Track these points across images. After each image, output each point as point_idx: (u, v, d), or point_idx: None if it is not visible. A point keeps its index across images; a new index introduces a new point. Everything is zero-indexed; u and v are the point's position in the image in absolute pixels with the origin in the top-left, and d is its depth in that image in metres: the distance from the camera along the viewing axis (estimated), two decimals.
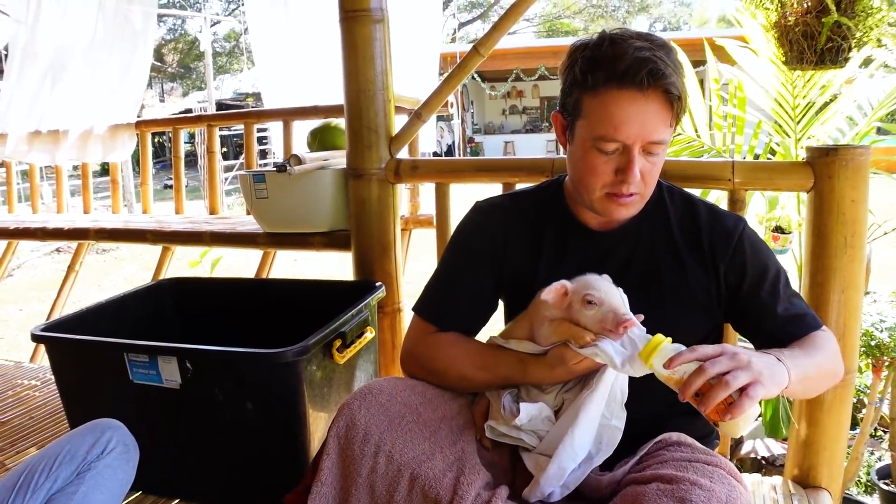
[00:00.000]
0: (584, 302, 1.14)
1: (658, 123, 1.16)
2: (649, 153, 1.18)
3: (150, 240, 2.85)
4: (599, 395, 1.16)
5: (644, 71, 1.12)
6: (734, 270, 1.27)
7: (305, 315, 1.84)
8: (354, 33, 2.00)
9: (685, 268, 1.29)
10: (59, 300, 3.63)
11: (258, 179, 2.23)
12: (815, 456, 1.64)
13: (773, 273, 1.28)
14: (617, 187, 1.20)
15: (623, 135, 1.16)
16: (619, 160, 1.19)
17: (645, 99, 1.14)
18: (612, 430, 1.19)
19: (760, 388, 0.98)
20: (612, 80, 1.14)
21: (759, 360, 1.02)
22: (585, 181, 1.23)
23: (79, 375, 1.77)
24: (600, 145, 1.18)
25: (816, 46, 1.92)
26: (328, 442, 1.21)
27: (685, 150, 3.12)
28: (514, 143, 18.78)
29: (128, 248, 8.81)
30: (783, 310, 1.25)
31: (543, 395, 1.23)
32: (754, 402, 0.97)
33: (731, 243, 1.28)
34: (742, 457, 2.45)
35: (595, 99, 1.17)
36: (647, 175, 1.21)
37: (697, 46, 3.47)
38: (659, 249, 1.31)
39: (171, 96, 25.10)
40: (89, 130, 3.64)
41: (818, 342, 1.23)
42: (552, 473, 1.14)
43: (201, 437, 1.65)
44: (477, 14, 25.44)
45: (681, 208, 1.34)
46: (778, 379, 1.03)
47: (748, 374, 0.98)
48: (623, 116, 1.15)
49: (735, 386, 0.97)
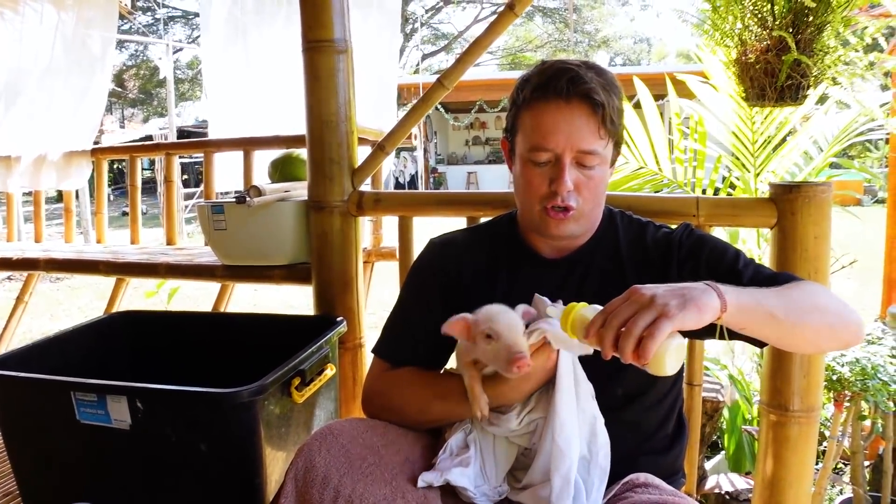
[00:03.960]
0: (484, 335, 1.11)
1: (585, 132, 1.20)
2: (583, 165, 1.22)
3: (104, 271, 2.76)
4: (564, 388, 1.13)
5: (564, 79, 1.19)
6: (689, 270, 1.26)
7: (264, 350, 1.78)
8: (317, 64, 1.98)
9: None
10: (6, 332, 3.50)
11: (216, 210, 2.18)
12: (780, 494, 1.62)
13: (728, 256, 1.25)
14: (552, 199, 1.23)
15: (551, 143, 1.20)
16: (552, 171, 1.23)
17: (569, 106, 1.19)
18: (594, 420, 1.16)
19: (665, 322, 0.92)
20: (538, 90, 1.22)
21: (667, 292, 0.96)
22: (524, 197, 1.28)
23: (22, 414, 1.68)
24: (533, 156, 1.23)
25: (776, 84, 1.95)
26: (286, 485, 1.16)
27: (647, 184, 3.15)
28: (478, 173, 18.89)
29: (81, 277, 8.59)
30: (749, 281, 1.19)
31: (505, 417, 1.18)
32: (657, 340, 0.92)
33: (675, 244, 1.29)
34: (706, 492, 2.43)
35: (526, 113, 1.24)
36: (584, 189, 1.23)
37: (657, 81, 3.52)
38: (611, 273, 1.31)
39: (131, 122, 24.84)
40: (43, 157, 3.55)
41: (793, 284, 1.15)
42: (558, 487, 1.09)
43: (153, 479, 1.57)
44: (440, 46, 25.73)
45: (633, 231, 1.36)
46: (698, 303, 0.96)
47: (650, 313, 0.93)
48: (550, 125, 1.20)
49: (637, 331, 0.93)
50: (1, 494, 2.11)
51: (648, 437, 1.30)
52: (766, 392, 1.62)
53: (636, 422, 1.30)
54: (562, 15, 25.97)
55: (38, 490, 1.72)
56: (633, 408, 1.28)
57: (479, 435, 1.21)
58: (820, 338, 1.14)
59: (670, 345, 0.95)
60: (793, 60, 1.91)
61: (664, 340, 0.93)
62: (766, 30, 1.98)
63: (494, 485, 1.19)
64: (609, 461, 1.15)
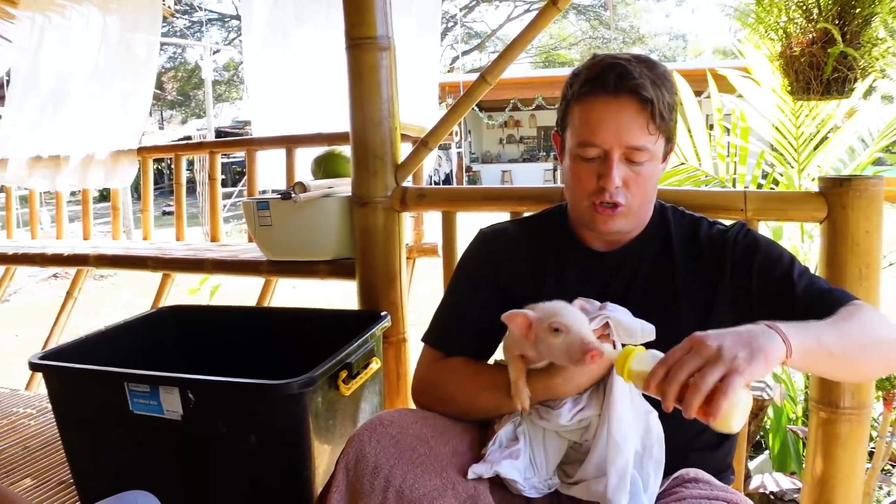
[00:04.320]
0: (550, 330, 1.10)
1: (634, 128, 1.19)
2: (632, 161, 1.21)
3: (151, 267, 2.82)
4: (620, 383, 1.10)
5: (612, 74, 1.18)
6: (742, 272, 1.25)
7: (308, 345, 1.81)
8: (361, 61, 2.00)
9: (692, 284, 1.27)
10: (56, 327, 3.59)
11: (262, 207, 2.21)
12: (830, 492, 1.60)
13: (783, 262, 1.23)
14: (600, 195, 1.22)
15: (599, 138, 1.20)
16: (601, 167, 1.22)
17: (617, 102, 1.18)
18: (646, 415, 1.15)
19: (737, 377, 0.88)
20: (587, 85, 1.21)
21: (733, 342, 0.92)
22: (573, 192, 1.27)
23: (77, 405, 1.73)
24: (581, 152, 1.22)
25: (822, 77, 1.93)
26: (336, 475, 1.17)
27: (688, 180, 3.12)
28: (512, 172, 18.87)
29: (125, 274, 8.75)
30: (803, 292, 1.18)
31: (556, 412, 1.17)
32: (730, 397, 0.88)
33: (730, 243, 1.27)
34: (751, 491, 2.40)
35: (576, 107, 1.24)
36: (632, 184, 1.22)
37: (695, 77, 3.49)
38: (662, 268, 1.30)
39: (170, 123, 25.24)
40: (91, 156, 3.63)
41: (848, 313, 1.10)
42: (615, 482, 1.08)
43: (203, 469, 1.61)
44: (474, 44, 25.70)
45: (685, 227, 1.34)
46: (766, 352, 0.92)
47: (719, 368, 0.90)
48: (598, 120, 1.20)
49: (707, 386, 0.89)
50: (56, 483, 2.17)
51: (699, 434, 1.29)
52: (816, 389, 1.60)
53: (687, 422, 1.28)
54: (596, 12, 25.78)
55: (91, 479, 1.76)
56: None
57: (529, 427, 1.21)
58: (874, 371, 1.16)
59: (740, 401, 0.90)
60: (839, 53, 1.89)
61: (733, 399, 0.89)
62: (811, 22, 1.96)
63: (544, 477, 1.19)
64: (663, 453, 1.15)
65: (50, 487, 2.15)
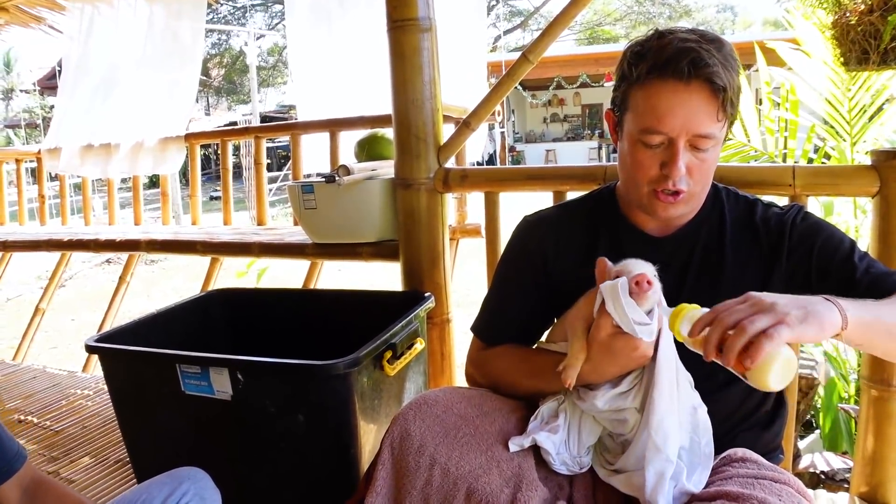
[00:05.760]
0: (613, 275, 1.12)
1: (703, 116, 1.13)
2: (696, 148, 1.16)
3: (200, 251, 2.88)
4: (665, 383, 1.10)
5: (685, 60, 1.11)
6: (799, 256, 1.22)
7: (354, 326, 1.84)
8: (402, 43, 2.00)
9: (746, 268, 1.25)
10: (110, 310, 3.70)
11: (307, 190, 2.24)
12: (883, 472, 1.57)
13: (843, 246, 1.20)
14: (662, 183, 1.18)
15: (667, 126, 1.14)
16: (665, 154, 1.17)
17: (688, 90, 1.12)
18: (694, 410, 1.13)
19: (785, 328, 0.88)
20: (655, 70, 1.14)
21: (789, 302, 0.92)
22: (632, 176, 1.22)
23: (131, 386, 1.79)
24: (645, 138, 1.17)
25: (880, 46, 1.86)
26: (382, 452, 1.20)
27: (735, 156, 3.06)
28: (556, 151, 18.68)
29: (174, 258, 8.97)
30: (863, 274, 1.15)
31: (592, 394, 1.17)
32: (775, 343, 0.87)
33: (788, 231, 1.23)
34: (801, 471, 2.37)
35: (640, 91, 1.17)
36: (696, 172, 1.18)
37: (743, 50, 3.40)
38: (716, 251, 1.27)
39: (216, 110, 25.61)
40: (140, 143, 3.71)
41: None
42: (652, 482, 1.08)
43: (253, 448, 1.65)
44: (517, 23, 25.43)
45: (739, 209, 1.30)
46: (820, 319, 0.91)
47: (769, 317, 0.89)
48: (666, 107, 1.13)
49: (753, 331, 0.88)
50: (113, 462, 2.24)
51: (749, 415, 1.28)
52: (868, 367, 1.57)
53: (738, 402, 1.27)
54: None
55: (146, 457, 1.83)
56: (734, 389, 1.25)
57: (570, 407, 1.22)
58: None
59: (780, 354, 0.89)
60: None
61: (776, 349, 0.87)
62: None
63: (575, 455, 1.19)
64: (712, 447, 1.13)
65: (107, 465, 2.22)
